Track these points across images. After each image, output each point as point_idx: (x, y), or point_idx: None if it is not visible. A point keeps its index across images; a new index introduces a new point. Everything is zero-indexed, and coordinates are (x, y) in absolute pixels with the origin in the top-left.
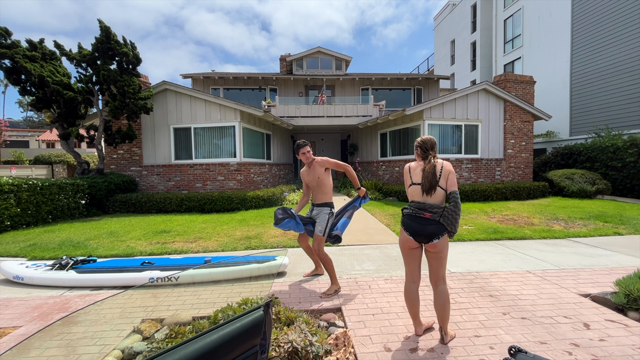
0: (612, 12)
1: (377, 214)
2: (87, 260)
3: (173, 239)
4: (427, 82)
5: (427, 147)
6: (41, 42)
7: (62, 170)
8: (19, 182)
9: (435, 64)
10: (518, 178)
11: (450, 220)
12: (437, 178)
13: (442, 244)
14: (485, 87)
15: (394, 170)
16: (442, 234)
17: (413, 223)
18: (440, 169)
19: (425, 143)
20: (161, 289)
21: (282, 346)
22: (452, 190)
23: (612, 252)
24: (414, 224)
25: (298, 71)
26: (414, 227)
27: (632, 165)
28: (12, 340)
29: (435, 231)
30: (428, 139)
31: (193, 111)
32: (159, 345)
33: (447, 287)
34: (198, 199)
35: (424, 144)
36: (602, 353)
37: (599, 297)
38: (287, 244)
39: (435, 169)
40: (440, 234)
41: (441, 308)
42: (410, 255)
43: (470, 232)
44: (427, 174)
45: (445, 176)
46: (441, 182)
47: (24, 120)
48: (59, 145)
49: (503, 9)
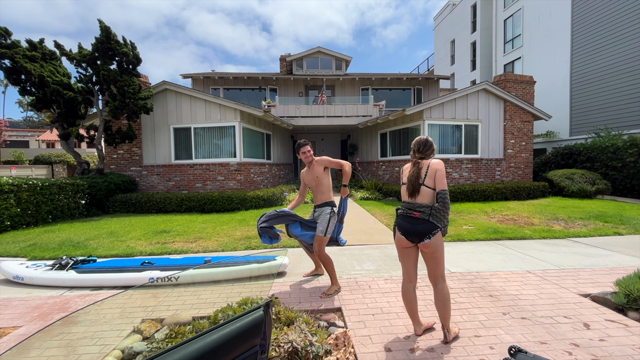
0: (612, 12)
1: (377, 214)
2: (87, 260)
3: (173, 239)
4: (427, 82)
5: (415, 149)
6: (41, 42)
7: (62, 170)
8: (19, 182)
9: (435, 64)
10: (518, 178)
11: (438, 218)
12: (421, 180)
13: (435, 243)
14: (485, 87)
15: (394, 170)
16: (433, 233)
17: (404, 222)
18: (426, 169)
19: (413, 145)
20: (161, 289)
21: (282, 346)
22: (441, 189)
23: (612, 252)
24: (405, 224)
25: (298, 71)
26: (405, 226)
27: (632, 165)
28: (12, 340)
29: (424, 230)
30: (416, 140)
31: (193, 111)
32: (159, 345)
33: (446, 285)
34: (198, 199)
35: (413, 146)
36: (602, 353)
37: (599, 297)
38: (287, 244)
39: (420, 171)
40: (431, 233)
41: (442, 306)
42: (405, 254)
43: (470, 232)
44: (410, 177)
45: (432, 175)
46: (427, 182)
47: (24, 120)
48: (59, 145)
49: (503, 9)
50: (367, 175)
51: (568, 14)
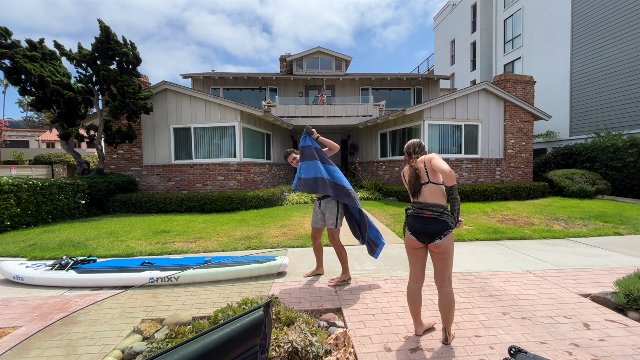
0: (612, 12)
1: (377, 214)
2: (87, 260)
3: (173, 239)
4: (427, 82)
5: (410, 151)
6: (41, 42)
7: (62, 170)
8: (19, 182)
9: (435, 64)
10: (518, 178)
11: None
12: (422, 181)
13: (446, 244)
14: (485, 87)
15: (394, 170)
16: (445, 234)
17: (415, 223)
18: (424, 168)
19: (408, 147)
20: (161, 289)
21: (282, 346)
22: (451, 185)
23: (612, 252)
24: (415, 224)
25: (298, 71)
26: (416, 226)
27: (632, 165)
28: (12, 340)
29: (437, 230)
30: (411, 143)
31: (193, 111)
32: (159, 345)
33: (452, 289)
34: (198, 199)
35: (407, 148)
36: (602, 353)
37: (599, 297)
38: (287, 244)
39: (419, 172)
40: (443, 232)
41: (446, 309)
42: (414, 255)
43: (470, 232)
44: (410, 179)
45: (431, 170)
46: (432, 178)
47: (24, 120)
48: (59, 145)
49: (503, 9)
50: (367, 175)
51: (568, 14)
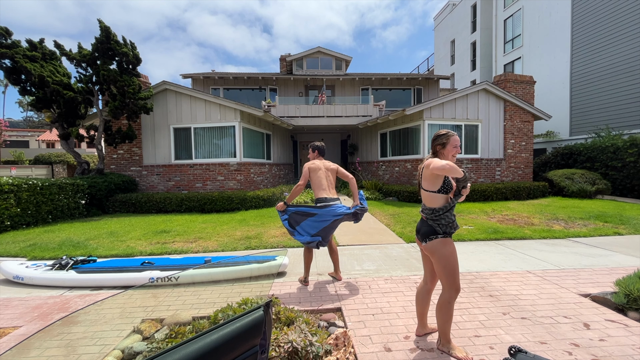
0: (612, 12)
1: (377, 214)
2: (87, 260)
3: (173, 239)
4: (427, 82)
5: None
6: (41, 42)
7: (62, 170)
8: (19, 182)
9: (435, 64)
10: (518, 178)
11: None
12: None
13: (431, 249)
14: (485, 87)
15: (394, 170)
16: (431, 237)
17: (418, 222)
18: (420, 173)
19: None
20: (161, 289)
21: (282, 346)
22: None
23: (612, 252)
24: (418, 223)
25: (298, 71)
26: (417, 226)
27: (632, 165)
28: (12, 340)
29: (424, 232)
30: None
31: (193, 111)
32: (159, 345)
33: (448, 297)
34: (198, 199)
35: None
36: (602, 353)
37: (599, 297)
38: (287, 244)
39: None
40: (429, 237)
41: (436, 313)
42: (423, 254)
43: (470, 232)
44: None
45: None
46: (423, 184)
47: (24, 120)
48: (59, 145)
49: (503, 9)
50: (367, 175)
51: (568, 14)
